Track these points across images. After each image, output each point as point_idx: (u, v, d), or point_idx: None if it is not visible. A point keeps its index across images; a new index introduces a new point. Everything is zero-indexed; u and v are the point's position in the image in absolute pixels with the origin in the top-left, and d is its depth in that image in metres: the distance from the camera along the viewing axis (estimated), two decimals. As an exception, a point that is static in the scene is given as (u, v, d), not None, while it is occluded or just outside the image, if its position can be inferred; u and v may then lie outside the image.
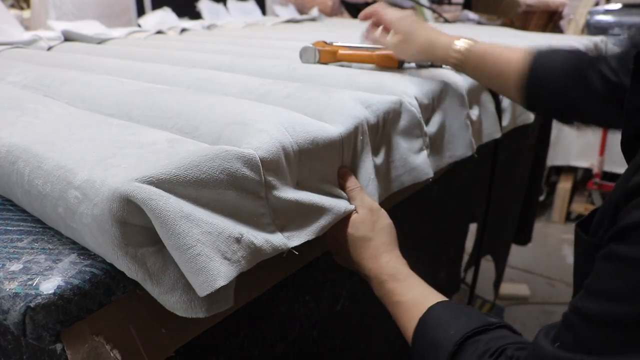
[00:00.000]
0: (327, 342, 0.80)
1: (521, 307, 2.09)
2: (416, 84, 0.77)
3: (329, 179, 0.61)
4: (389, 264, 0.59)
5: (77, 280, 0.42)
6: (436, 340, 0.50)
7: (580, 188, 2.86)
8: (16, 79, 0.80)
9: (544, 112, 0.83)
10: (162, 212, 0.40)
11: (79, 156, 0.47)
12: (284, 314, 0.70)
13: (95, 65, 0.93)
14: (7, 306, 0.40)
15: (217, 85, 0.75)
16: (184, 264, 0.41)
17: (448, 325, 0.50)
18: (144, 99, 0.65)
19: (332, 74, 0.82)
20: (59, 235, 0.49)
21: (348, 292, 0.81)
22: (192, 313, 0.43)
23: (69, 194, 0.44)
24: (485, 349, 0.47)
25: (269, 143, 0.51)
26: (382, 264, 0.59)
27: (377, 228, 0.61)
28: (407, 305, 0.56)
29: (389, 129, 0.70)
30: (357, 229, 0.60)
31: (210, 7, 1.89)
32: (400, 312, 0.56)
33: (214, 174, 0.44)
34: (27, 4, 1.99)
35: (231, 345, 0.63)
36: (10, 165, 0.50)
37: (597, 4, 2.85)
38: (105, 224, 0.41)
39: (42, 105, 0.64)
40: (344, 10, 2.39)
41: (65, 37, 1.29)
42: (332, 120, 0.61)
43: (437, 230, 1.09)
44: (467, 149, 0.84)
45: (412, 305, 0.55)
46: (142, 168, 0.42)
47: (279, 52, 1.11)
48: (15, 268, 0.43)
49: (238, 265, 0.44)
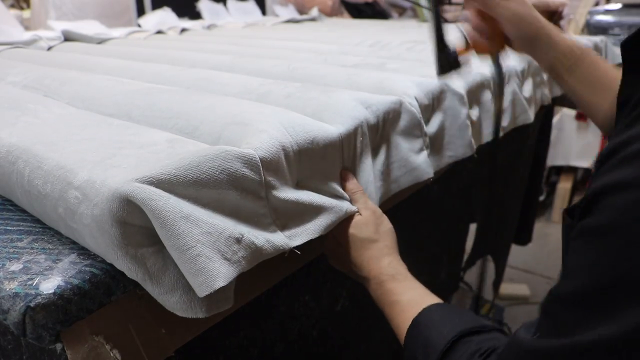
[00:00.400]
0: (327, 342, 0.80)
1: (521, 307, 2.09)
2: (416, 84, 0.77)
3: (329, 179, 0.61)
4: (390, 265, 0.59)
5: (77, 280, 0.42)
6: (428, 339, 0.50)
7: (580, 188, 2.86)
8: (16, 79, 0.80)
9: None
10: (162, 213, 0.40)
11: (79, 156, 0.47)
12: (283, 314, 0.70)
13: (95, 65, 0.93)
14: (7, 306, 0.40)
15: (217, 85, 0.75)
16: (184, 264, 0.41)
17: (441, 325, 0.50)
18: (144, 99, 0.65)
19: (332, 74, 0.82)
20: (59, 235, 0.49)
21: (348, 292, 0.81)
22: (192, 313, 0.43)
23: (69, 194, 0.44)
24: (477, 348, 0.47)
25: (269, 143, 0.51)
26: (383, 265, 0.59)
27: (381, 231, 0.61)
28: (403, 306, 0.56)
29: (389, 129, 0.70)
30: (362, 230, 0.60)
31: (210, 7, 1.89)
32: (395, 312, 0.56)
33: (214, 174, 0.44)
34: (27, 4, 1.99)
35: (231, 345, 0.63)
36: (10, 165, 0.50)
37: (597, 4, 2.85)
38: (105, 224, 0.41)
39: (42, 105, 0.64)
40: (344, 10, 2.39)
41: (65, 37, 1.29)
42: (332, 121, 0.61)
43: (437, 230, 1.09)
44: (467, 149, 0.84)
45: (408, 306, 0.55)
46: (142, 168, 0.42)
47: (279, 52, 1.11)
48: (15, 268, 0.43)
49: (238, 265, 0.44)
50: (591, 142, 2.63)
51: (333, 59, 0.99)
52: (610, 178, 0.33)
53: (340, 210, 0.59)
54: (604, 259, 0.33)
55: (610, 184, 0.33)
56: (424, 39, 1.38)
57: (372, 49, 1.17)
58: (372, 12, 2.37)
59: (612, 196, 0.33)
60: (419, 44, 1.26)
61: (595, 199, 0.34)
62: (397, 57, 1.06)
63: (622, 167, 0.33)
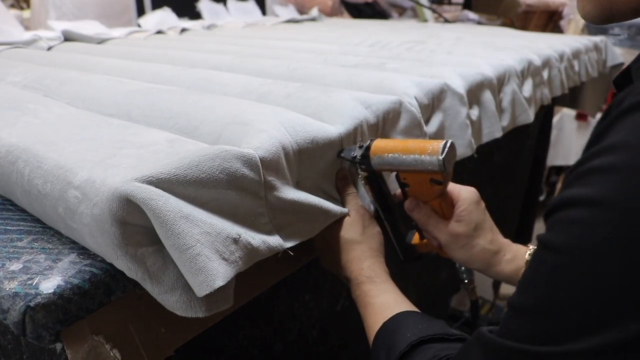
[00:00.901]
0: (326, 342, 0.80)
1: (521, 307, 2.09)
2: (416, 83, 0.77)
3: (328, 180, 0.61)
4: (369, 268, 0.59)
5: (77, 279, 0.42)
6: (392, 342, 0.50)
7: (581, 188, 2.85)
8: (16, 79, 0.80)
9: None
10: (162, 212, 0.40)
11: (78, 156, 0.47)
12: (283, 314, 0.70)
13: (95, 65, 0.93)
14: (7, 306, 0.40)
15: (217, 85, 0.75)
16: (183, 264, 0.41)
17: (407, 330, 0.50)
18: (144, 99, 0.65)
19: (332, 74, 0.82)
20: (59, 234, 0.49)
21: (348, 292, 0.81)
22: (192, 313, 0.43)
23: (69, 193, 0.44)
24: (434, 354, 0.47)
25: (269, 143, 0.51)
26: (363, 267, 0.59)
27: (367, 233, 0.61)
28: (376, 308, 0.56)
29: (388, 129, 0.70)
30: (347, 231, 0.60)
31: (210, 7, 1.89)
32: (368, 313, 0.56)
33: (214, 173, 0.45)
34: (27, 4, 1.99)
35: (231, 344, 0.63)
36: (10, 165, 0.50)
37: (597, 4, 2.85)
38: (105, 224, 0.41)
39: (42, 105, 0.64)
40: (344, 10, 2.39)
41: (65, 37, 1.29)
42: (332, 121, 0.61)
43: (437, 230, 1.08)
44: (467, 148, 0.84)
45: (381, 309, 0.55)
46: (142, 168, 0.43)
47: (279, 52, 1.11)
48: (15, 267, 0.43)
49: (235, 265, 0.44)
50: (591, 142, 2.62)
51: (333, 59, 0.99)
52: (563, 194, 0.35)
53: (335, 212, 0.59)
54: (553, 275, 0.34)
55: (561, 201, 0.35)
56: (424, 39, 1.38)
57: (372, 49, 1.17)
58: (372, 12, 2.37)
59: (561, 212, 0.34)
60: (419, 44, 1.26)
61: (549, 213, 0.36)
62: (397, 57, 1.06)
63: (577, 183, 0.34)
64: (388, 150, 0.56)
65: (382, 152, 0.57)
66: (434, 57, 1.05)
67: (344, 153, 0.60)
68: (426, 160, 0.54)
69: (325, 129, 0.59)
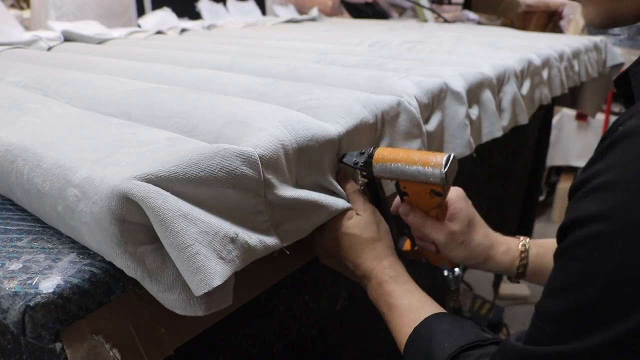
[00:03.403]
0: (326, 341, 0.80)
1: (521, 307, 2.09)
2: (415, 83, 0.77)
3: (327, 178, 0.61)
4: (391, 266, 0.59)
5: (77, 279, 0.42)
6: (429, 351, 0.51)
7: (581, 188, 2.85)
8: (16, 79, 0.80)
9: None
10: (161, 210, 0.40)
11: (78, 155, 0.47)
12: (283, 314, 0.70)
13: (95, 65, 0.93)
14: (6, 305, 0.40)
15: (217, 85, 0.75)
16: (181, 262, 0.41)
17: (443, 338, 0.51)
18: (143, 99, 0.65)
19: (332, 74, 0.82)
20: (59, 234, 0.49)
21: (348, 292, 0.81)
22: (191, 311, 0.43)
23: (68, 192, 0.44)
24: None
25: (269, 141, 0.51)
26: (385, 265, 0.59)
27: (381, 230, 0.61)
28: (403, 310, 0.56)
29: (388, 128, 0.70)
30: (364, 230, 0.60)
31: (210, 7, 1.89)
32: (394, 315, 0.56)
33: (213, 172, 0.45)
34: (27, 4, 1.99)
35: (230, 344, 0.63)
36: (9, 164, 0.50)
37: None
38: (104, 222, 0.41)
39: (42, 105, 0.64)
40: (344, 10, 2.39)
41: (65, 38, 1.29)
42: (332, 120, 0.61)
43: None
44: (466, 148, 0.84)
45: (408, 311, 0.55)
46: (141, 166, 0.42)
47: (279, 52, 1.11)
48: (14, 267, 0.43)
49: (233, 264, 0.44)
50: (591, 142, 2.63)
51: (333, 58, 0.99)
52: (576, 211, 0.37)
53: (336, 208, 0.59)
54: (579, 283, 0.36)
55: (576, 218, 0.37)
56: (424, 38, 1.38)
57: (372, 49, 1.17)
58: (372, 12, 2.37)
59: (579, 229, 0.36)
60: (418, 43, 1.26)
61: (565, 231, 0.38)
62: (397, 57, 1.06)
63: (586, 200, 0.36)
64: (391, 159, 0.57)
65: (384, 160, 0.57)
66: (433, 57, 1.05)
67: (345, 159, 0.60)
68: (429, 173, 0.55)
69: (325, 128, 0.59)
